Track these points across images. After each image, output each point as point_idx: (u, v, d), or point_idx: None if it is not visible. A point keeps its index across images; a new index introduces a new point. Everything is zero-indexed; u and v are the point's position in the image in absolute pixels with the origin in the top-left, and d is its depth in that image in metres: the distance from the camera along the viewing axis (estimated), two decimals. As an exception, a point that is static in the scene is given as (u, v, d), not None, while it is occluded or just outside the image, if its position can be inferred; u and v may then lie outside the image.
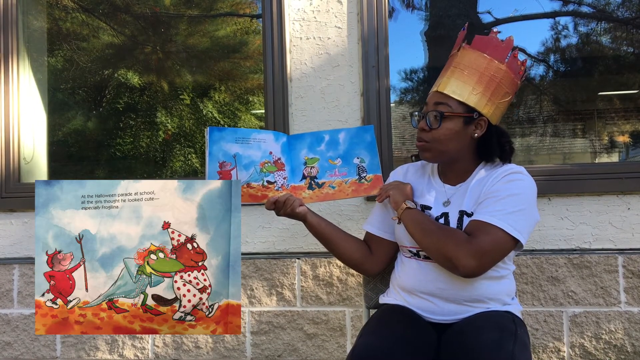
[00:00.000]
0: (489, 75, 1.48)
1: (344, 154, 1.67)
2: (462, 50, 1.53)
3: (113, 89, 4.01)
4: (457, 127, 1.49)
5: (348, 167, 1.66)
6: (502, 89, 1.50)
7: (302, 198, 1.60)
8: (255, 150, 1.58)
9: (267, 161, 1.59)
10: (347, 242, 1.64)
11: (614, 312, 2.09)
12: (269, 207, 1.56)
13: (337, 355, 2.23)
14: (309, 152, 1.66)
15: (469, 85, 1.48)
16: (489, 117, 1.49)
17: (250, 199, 1.57)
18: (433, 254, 1.44)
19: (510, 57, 1.50)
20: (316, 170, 1.65)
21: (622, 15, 2.97)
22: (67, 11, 3.51)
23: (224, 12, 3.82)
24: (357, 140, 1.68)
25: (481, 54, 1.50)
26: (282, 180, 1.60)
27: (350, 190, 1.65)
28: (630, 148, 3.24)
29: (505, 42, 1.51)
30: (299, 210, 1.55)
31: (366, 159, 1.67)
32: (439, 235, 1.42)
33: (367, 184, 1.65)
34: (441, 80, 1.54)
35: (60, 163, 3.48)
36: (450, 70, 1.52)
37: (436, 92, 1.53)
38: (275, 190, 1.58)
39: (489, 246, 1.37)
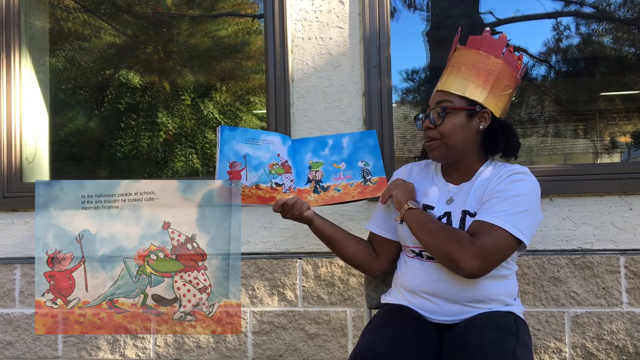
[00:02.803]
0: (486, 69, 1.52)
1: (347, 157, 1.68)
2: (458, 51, 1.59)
3: (114, 89, 4.01)
4: (461, 120, 1.51)
5: (352, 171, 1.66)
6: (502, 82, 1.53)
7: (307, 201, 1.60)
8: (264, 151, 1.58)
9: (275, 163, 1.59)
10: (352, 243, 1.65)
11: (615, 313, 2.08)
12: (277, 210, 1.56)
13: (338, 355, 2.23)
14: (313, 156, 1.66)
15: (467, 80, 1.52)
16: (492, 109, 1.52)
17: (259, 201, 1.56)
18: (436, 254, 1.44)
19: (506, 52, 1.54)
20: (321, 174, 1.65)
21: (623, 15, 2.97)
22: (68, 11, 3.51)
23: (225, 12, 3.81)
24: (361, 144, 1.69)
25: (476, 51, 1.55)
26: (290, 182, 1.60)
27: (355, 192, 1.65)
28: (632, 148, 3.23)
29: (499, 39, 1.55)
30: (306, 214, 1.56)
31: (370, 162, 1.68)
32: (443, 235, 1.42)
33: (372, 186, 1.66)
34: (441, 80, 1.58)
35: (62, 163, 3.49)
36: (449, 70, 1.57)
37: (437, 92, 1.57)
38: (283, 193, 1.58)
39: (493, 247, 1.37)
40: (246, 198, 1.55)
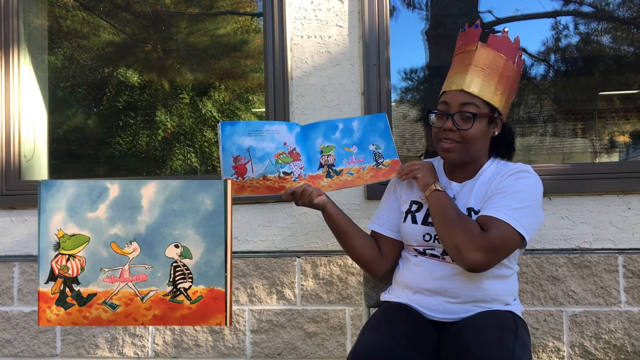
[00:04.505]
0: (506, 75, 1.51)
1: (359, 141, 1.65)
2: (480, 49, 1.52)
3: (113, 87, 4.00)
4: (484, 126, 1.51)
5: (364, 154, 1.64)
6: (514, 88, 1.55)
7: (320, 187, 1.58)
8: (269, 142, 1.56)
9: (282, 152, 1.57)
10: (362, 238, 1.63)
11: (614, 312, 2.09)
12: (287, 199, 1.55)
13: (337, 353, 2.23)
14: (324, 140, 1.64)
15: (491, 85, 1.49)
16: (504, 114, 1.55)
17: (268, 191, 1.55)
18: (445, 239, 1.44)
19: (518, 56, 1.54)
20: (333, 158, 1.63)
21: (622, 15, 2.97)
22: (67, 9, 3.50)
23: (224, 11, 3.81)
24: (371, 127, 1.66)
25: (498, 54, 1.51)
26: (299, 170, 1.59)
27: (368, 176, 1.63)
28: (631, 148, 3.23)
29: (515, 42, 1.54)
30: (317, 200, 1.53)
31: (382, 145, 1.65)
32: (456, 222, 1.42)
33: (385, 169, 1.64)
34: (464, 79, 1.50)
35: (61, 161, 3.48)
36: (472, 69, 1.50)
37: (461, 91, 1.50)
38: (293, 181, 1.57)
39: (499, 242, 1.38)
40: (255, 189, 1.55)
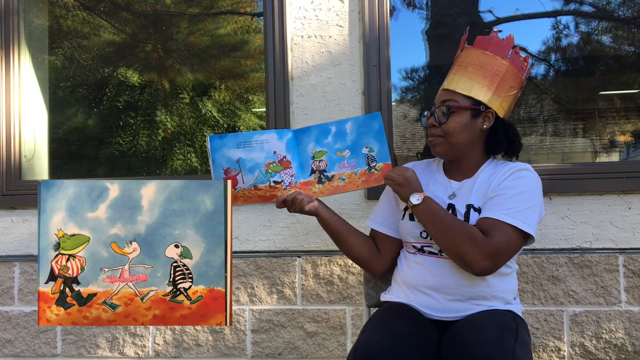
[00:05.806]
0: (492, 70, 1.54)
1: (352, 144, 1.64)
2: (465, 51, 1.60)
3: (113, 87, 4.00)
4: (465, 119, 1.52)
5: (357, 158, 1.64)
6: (507, 83, 1.55)
7: (312, 193, 1.59)
8: (258, 152, 1.57)
9: (272, 161, 1.58)
10: (357, 238, 1.64)
11: (614, 312, 2.09)
12: (279, 207, 1.58)
13: (337, 353, 2.23)
14: (316, 145, 1.64)
15: (473, 80, 1.54)
16: (496, 109, 1.54)
17: (260, 200, 1.58)
18: (448, 251, 1.45)
19: (512, 53, 1.56)
20: (325, 163, 1.63)
21: (623, 14, 2.97)
22: (67, 9, 3.50)
23: (224, 11, 3.81)
24: (365, 129, 1.65)
25: (483, 52, 1.56)
26: (290, 178, 1.60)
27: (360, 181, 1.63)
28: (631, 148, 3.23)
29: (506, 40, 1.57)
30: (308, 208, 1.55)
31: (375, 147, 1.64)
32: (456, 232, 1.41)
33: (377, 174, 1.63)
34: (448, 78, 1.60)
35: (61, 160, 3.48)
36: (456, 69, 1.59)
37: (443, 90, 1.59)
38: (283, 190, 1.58)
39: (504, 246, 1.40)
40: (247, 199, 1.58)
